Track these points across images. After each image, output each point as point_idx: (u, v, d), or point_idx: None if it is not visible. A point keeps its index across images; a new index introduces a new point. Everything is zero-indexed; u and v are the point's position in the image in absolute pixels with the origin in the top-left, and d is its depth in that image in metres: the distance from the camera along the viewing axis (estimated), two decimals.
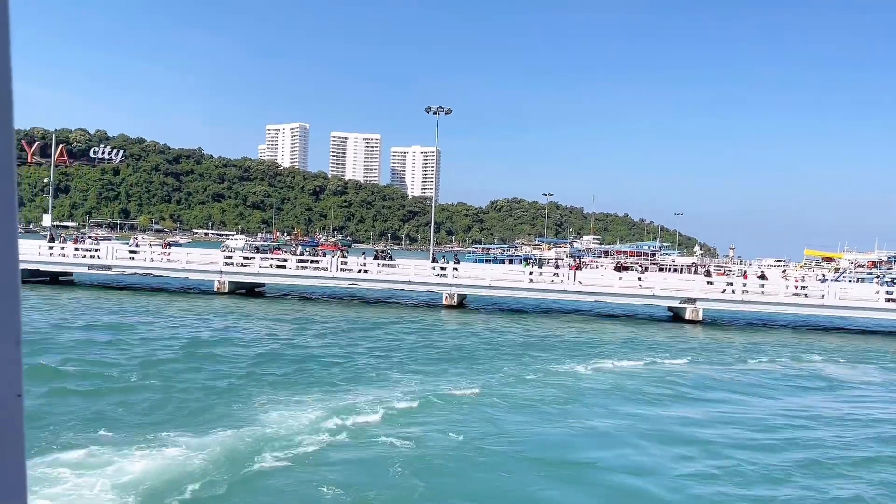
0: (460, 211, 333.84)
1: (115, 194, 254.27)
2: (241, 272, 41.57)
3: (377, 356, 23.62)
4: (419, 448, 13.39)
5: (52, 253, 43.29)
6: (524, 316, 39.22)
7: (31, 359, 19.65)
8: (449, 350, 25.83)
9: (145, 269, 42.09)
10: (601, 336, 32.22)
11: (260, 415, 15.13)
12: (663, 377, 22.22)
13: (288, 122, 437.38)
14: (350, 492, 10.91)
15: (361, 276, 40.86)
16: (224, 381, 18.50)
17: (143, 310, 33.03)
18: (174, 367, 20.16)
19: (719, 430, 15.95)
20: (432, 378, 20.15)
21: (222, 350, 23.25)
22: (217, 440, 13.07)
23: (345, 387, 18.37)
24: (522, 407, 17.30)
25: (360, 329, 30.30)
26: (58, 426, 13.62)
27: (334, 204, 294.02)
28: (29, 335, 24.08)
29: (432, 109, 51.52)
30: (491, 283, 40.22)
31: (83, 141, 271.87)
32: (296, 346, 25.07)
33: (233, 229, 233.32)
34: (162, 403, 15.94)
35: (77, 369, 19.04)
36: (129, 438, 12.99)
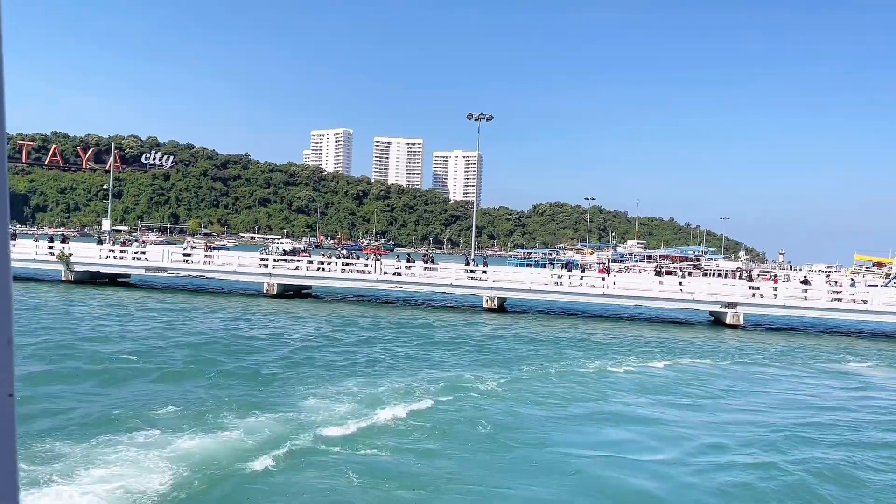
0: (502, 215, 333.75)
1: (165, 199, 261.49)
2: (288, 275, 43.08)
3: (414, 353, 24.71)
4: (444, 436, 14.34)
5: (110, 256, 45.56)
6: (562, 319, 39.79)
7: (98, 347, 21.25)
8: (483, 349, 26.73)
9: (198, 272, 43.93)
10: (636, 338, 32.69)
11: (301, 401, 16.44)
12: (686, 377, 22.83)
13: (332, 128, 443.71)
14: (377, 474, 11.87)
15: (404, 278, 41.97)
16: (271, 373, 19.89)
17: (196, 308, 34.70)
18: (225, 358, 21.67)
19: (725, 429, 16.44)
20: (465, 373, 21.15)
21: (270, 345, 24.69)
22: (264, 423, 14.28)
23: (381, 380, 19.50)
24: (544, 401, 18.19)
25: (401, 329, 31.40)
26: (123, 407, 15.03)
27: (377, 208, 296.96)
28: (97, 329, 25.77)
29: (473, 116, 52.41)
30: (530, 286, 40.90)
31: (135, 147, 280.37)
32: (338, 342, 26.33)
33: (278, 233, 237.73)
34: (214, 390, 17.33)
35: (140, 359, 20.65)
36: (184, 420, 14.27)
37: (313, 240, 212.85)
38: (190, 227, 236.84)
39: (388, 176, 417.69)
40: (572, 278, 42.19)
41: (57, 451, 11.91)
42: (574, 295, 41.06)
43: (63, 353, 21.06)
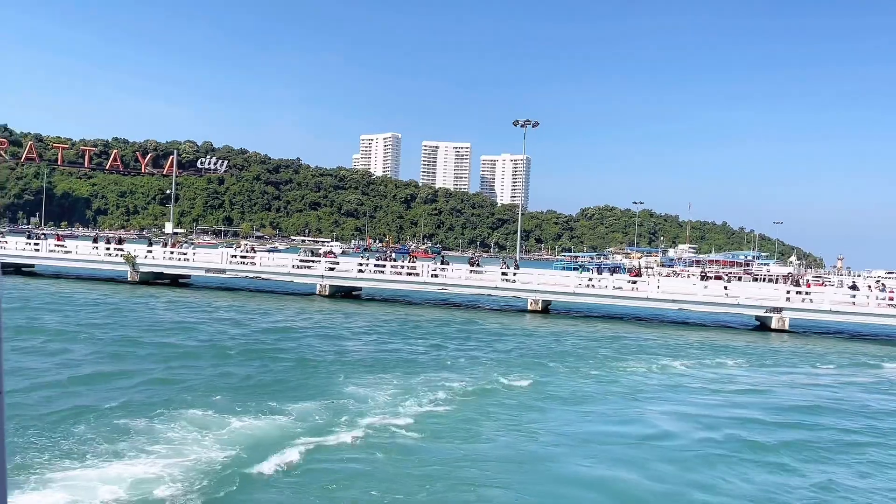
0: (550, 219, 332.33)
1: (219, 203, 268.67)
2: (340, 276, 44.79)
3: (455, 351, 25.97)
4: (472, 427, 15.48)
5: (171, 257, 48.07)
6: (604, 321, 40.47)
7: (170, 338, 23.15)
8: (523, 348, 27.80)
9: (255, 273, 46.03)
10: (675, 340, 33.28)
11: (344, 389, 18.08)
12: (713, 378, 23.53)
13: (381, 133, 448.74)
14: (410, 458, 13.08)
15: (450, 281, 43.22)
16: (320, 363, 21.79)
17: (254, 306, 36.62)
18: (280, 352, 23.56)
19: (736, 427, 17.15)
20: (501, 371, 22.29)
21: (320, 341, 26.42)
22: (311, 408, 15.89)
23: (421, 374, 20.92)
24: (573, 400, 19.17)
25: (444, 328, 32.72)
26: (186, 391, 16.86)
27: (424, 212, 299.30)
28: (163, 324, 27.78)
29: (519, 122, 53.39)
30: (574, 289, 41.66)
31: (191, 152, 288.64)
32: (383, 340, 27.90)
33: (328, 236, 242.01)
34: (269, 379, 19.14)
35: (203, 349, 22.74)
36: (239, 404, 15.87)
37: (362, 243, 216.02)
38: (243, 230, 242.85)
39: (435, 180, 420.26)
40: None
41: (129, 427, 13.61)
42: (618, 298, 41.67)
43: (131, 343, 23.16)
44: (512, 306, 44.41)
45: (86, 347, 22.50)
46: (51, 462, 11.48)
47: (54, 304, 33.76)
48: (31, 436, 12.69)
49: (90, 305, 34.30)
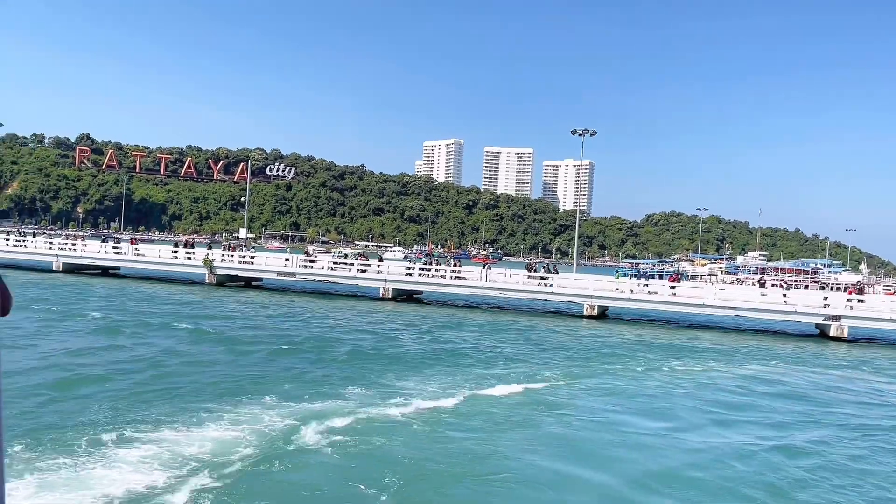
0: (614, 225, 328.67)
1: (287, 208, 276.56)
2: (402, 280, 46.71)
3: (507, 351, 27.41)
4: (514, 418, 16.86)
5: (244, 261, 51.05)
6: (660, 327, 41.09)
7: (242, 333, 25.42)
8: (572, 350, 28.99)
9: (323, 276, 48.46)
10: (728, 347, 33.82)
11: (395, 382, 19.97)
12: (749, 381, 24.39)
13: (443, 139, 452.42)
14: (451, 444, 14.59)
15: (508, 286, 44.59)
16: (376, 357, 24.08)
17: (321, 308, 38.84)
18: (342, 346, 25.83)
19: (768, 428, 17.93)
20: (544, 370, 23.70)
21: (379, 338, 28.49)
22: (364, 395, 17.75)
23: (471, 370, 22.77)
24: (608, 396, 20.39)
25: (499, 331, 34.20)
26: (261, 378, 19.10)
27: (486, 217, 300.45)
28: (241, 320, 30.19)
29: (578, 131, 54.33)
30: (630, 295, 42.42)
31: (260, 159, 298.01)
32: (437, 339, 29.70)
33: (391, 241, 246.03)
34: (338, 371, 21.17)
35: (275, 343, 25.01)
36: (303, 390, 17.95)
37: (424, 248, 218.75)
38: (309, 236, 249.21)
39: (497, 185, 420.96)
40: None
41: (209, 408, 15.86)
42: (674, 304, 42.20)
43: (212, 337, 25.51)
44: (568, 311, 45.40)
45: (166, 339, 25.22)
46: (161, 422, 13.95)
47: (144, 302, 37.03)
48: (152, 403, 15.13)
49: (174, 304, 37.59)
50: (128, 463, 11.92)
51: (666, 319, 44.77)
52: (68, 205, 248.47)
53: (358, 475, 12.15)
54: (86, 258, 54.46)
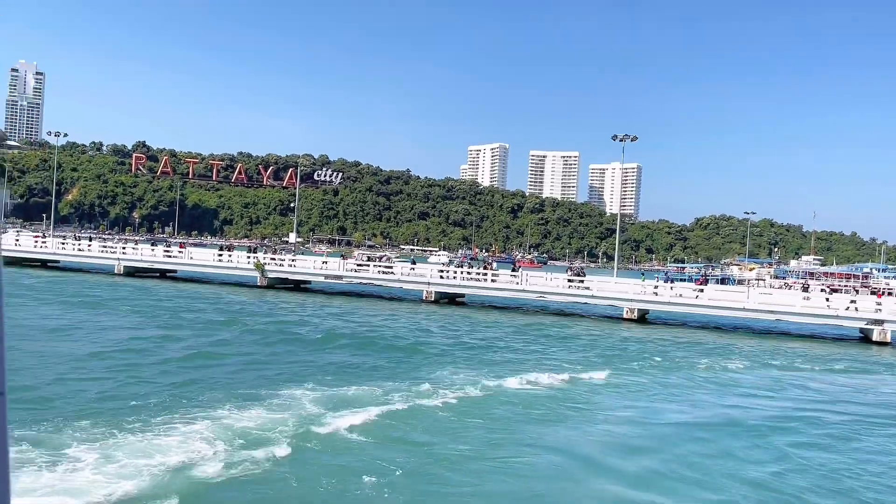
0: (662, 228, 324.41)
1: (334, 213, 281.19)
2: (445, 283, 48.01)
3: (545, 350, 28.44)
4: (547, 411, 17.91)
5: (293, 265, 53.11)
6: (697, 329, 41.45)
7: (296, 329, 27.07)
8: (609, 350, 29.87)
9: (368, 279, 50.12)
10: (764, 350, 34.26)
11: (429, 375, 21.60)
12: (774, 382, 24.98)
13: (488, 143, 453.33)
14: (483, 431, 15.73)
15: (548, 289, 45.46)
16: (413, 353, 25.81)
17: (368, 308, 40.42)
18: (386, 343, 27.71)
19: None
20: (586, 369, 24.82)
21: (419, 336, 30.07)
22: (399, 386, 19.28)
23: (497, 366, 24.19)
24: (631, 393, 21.40)
25: (537, 332, 35.29)
26: (307, 367, 21.06)
27: (531, 221, 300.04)
28: (288, 318, 31.94)
29: (619, 137, 54.80)
30: (670, 299, 42.87)
31: (308, 165, 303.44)
32: (475, 338, 30.94)
33: (436, 245, 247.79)
34: (373, 364, 23.07)
35: (321, 339, 26.62)
36: (344, 378, 19.71)
37: (469, 252, 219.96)
38: (356, 240, 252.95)
39: (542, 189, 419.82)
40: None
41: (258, 393, 17.75)
42: (714, 308, 42.50)
43: (262, 332, 27.24)
44: (608, 314, 46.03)
45: (223, 333, 27.43)
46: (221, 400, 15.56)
47: (200, 301, 39.49)
48: (211, 388, 16.97)
49: (228, 303, 40.05)
50: (192, 434, 13.93)
51: (706, 323, 45.02)
52: (125, 210, 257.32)
53: (382, 455, 13.51)
54: (145, 262, 57.24)
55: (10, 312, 31.44)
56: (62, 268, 61.27)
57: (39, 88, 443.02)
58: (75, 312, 32.49)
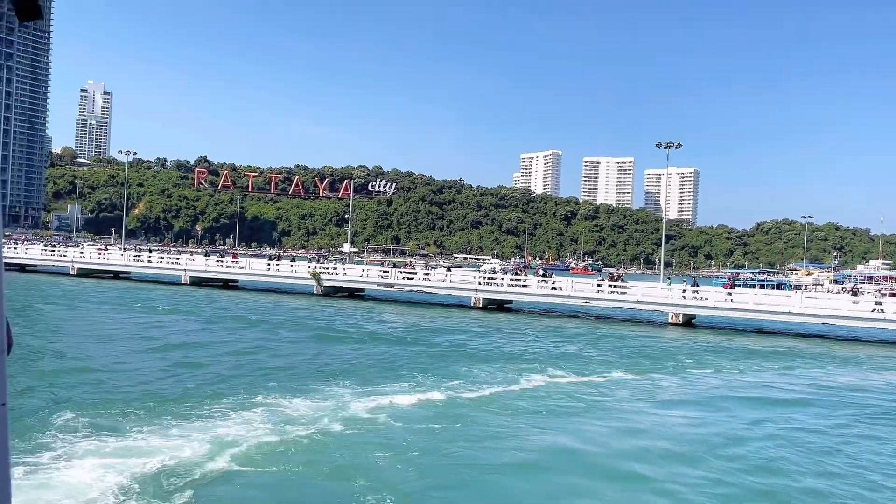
0: (720, 234, 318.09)
1: (388, 223, 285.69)
2: (492, 290, 49.55)
3: (584, 352, 29.72)
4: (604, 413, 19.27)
5: (346, 273, 55.58)
6: (740, 334, 41.85)
7: (350, 330, 29.09)
8: (646, 352, 30.93)
9: (418, 287, 52.06)
10: (799, 351, 34.69)
11: (475, 374, 23.32)
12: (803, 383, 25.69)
13: (541, 150, 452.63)
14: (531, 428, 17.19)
15: (593, 295, 46.47)
16: (464, 356, 27.02)
17: (417, 313, 42.32)
18: (431, 342, 29.63)
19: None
20: (602, 369, 26.05)
21: (468, 339, 31.96)
22: (439, 384, 20.96)
23: (545, 367, 25.69)
24: (658, 393, 22.60)
25: (579, 335, 36.53)
26: (355, 366, 22.52)
27: (585, 228, 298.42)
28: (340, 323, 34.06)
29: (662, 144, 55.39)
30: (714, 304, 43.39)
31: (363, 176, 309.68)
32: (516, 344, 32.33)
33: (489, 254, 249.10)
34: (416, 363, 24.62)
35: (371, 341, 28.73)
36: (385, 378, 21.35)
37: (521, 260, 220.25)
38: (409, 249, 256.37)
39: (597, 196, 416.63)
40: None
41: (304, 387, 19.69)
42: (760, 312, 42.84)
43: (317, 336, 29.57)
44: (653, 319, 46.72)
45: (281, 335, 30.02)
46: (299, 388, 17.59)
47: (261, 308, 42.65)
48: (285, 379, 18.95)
49: (287, 309, 43.28)
50: (245, 421, 16.00)
51: (753, 328, 45.26)
52: (188, 223, 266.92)
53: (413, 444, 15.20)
54: (210, 272, 60.52)
55: (96, 317, 34.69)
56: (133, 279, 65.18)
57: (107, 107, 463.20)
58: (149, 316, 36.67)
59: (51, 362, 22.48)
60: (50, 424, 14.60)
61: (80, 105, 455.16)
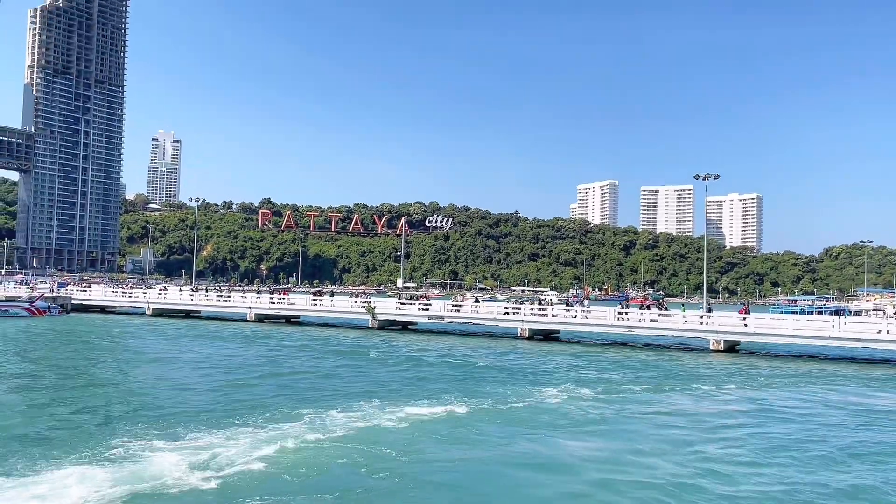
0: (787, 260, 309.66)
1: (445, 257, 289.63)
2: (538, 320, 51.45)
3: (622, 379, 31.47)
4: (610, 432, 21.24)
5: (399, 307, 58.41)
6: (781, 359, 42.56)
7: (399, 362, 31.83)
8: (674, 374, 32.50)
9: (467, 319, 54.44)
10: (832, 375, 35.53)
11: (500, 392, 25.20)
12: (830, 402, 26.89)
13: (597, 181, 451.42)
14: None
15: (635, 323, 47.91)
16: (508, 386, 28.85)
17: (464, 343, 44.64)
18: (468, 370, 31.77)
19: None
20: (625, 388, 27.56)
21: (514, 361, 33.76)
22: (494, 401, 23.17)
23: (584, 390, 27.53)
24: (689, 417, 23.93)
25: (621, 363, 38.09)
26: (383, 388, 25.23)
27: (645, 258, 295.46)
28: (388, 352, 36.83)
29: (700, 176, 56.57)
30: (755, 329, 44.29)
31: (420, 212, 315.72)
32: (555, 369, 34.09)
33: (546, 286, 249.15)
34: (453, 385, 26.81)
35: (412, 367, 31.19)
36: (422, 396, 23.71)
37: (580, 291, 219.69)
38: (467, 283, 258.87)
39: (656, 224, 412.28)
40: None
41: (352, 405, 22.13)
42: (800, 337, 43.50)
43: (370, 361, 32.34)
44: (693, 346, 47.74)
45: (334, 362, 33.00)
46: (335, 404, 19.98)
47: (320, 340, 46.84)
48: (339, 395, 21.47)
49: (343, 340, 47.20)
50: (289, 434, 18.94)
51: (794, 353, 45.83)
52: (253, 263, 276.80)
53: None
54: (273, 309, 64.40)
55: (174, 348, 38.63)
56: (203, 317, 69.70)
57: (176, 154, 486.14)
58: (219, 346, 42.31)
59: (138, 382, 27.71)
60: (141, 425, 18.87)
61: (151, 153, 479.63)
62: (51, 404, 22.78)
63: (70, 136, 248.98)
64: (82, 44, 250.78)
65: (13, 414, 20.97)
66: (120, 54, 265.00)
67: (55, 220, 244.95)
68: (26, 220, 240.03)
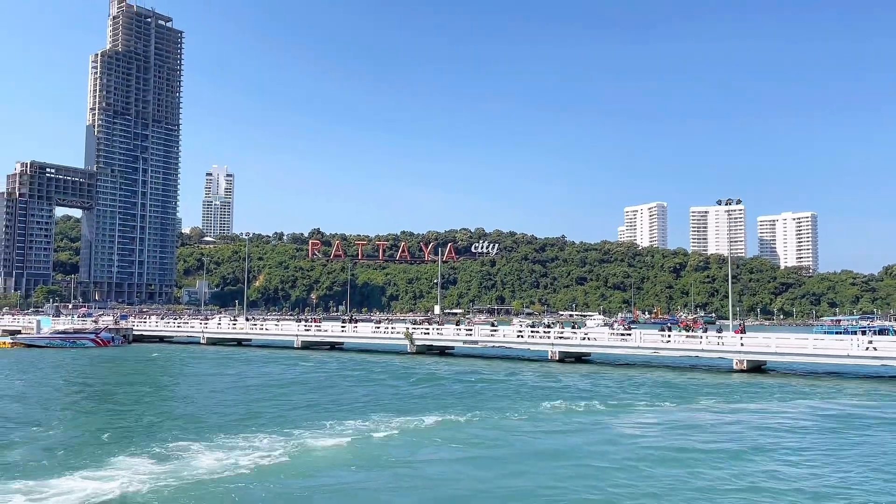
0: (845, 280, 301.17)
1: (492, 283, 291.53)
2: (568, 343, 53.48)
3: (640, 396, 33.44)
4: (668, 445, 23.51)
5: (438, 332, 61.13)
6: (800, 377, 43.67)
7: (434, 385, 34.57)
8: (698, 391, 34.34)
9: (501, 343, 56.80)
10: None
11: (535, 406, 27.29)
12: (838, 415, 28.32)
13: (645, 203, 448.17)
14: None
15: (663, 345, 49.55)
16: (535, 403, 31.40)
17: (497, 365, 47.09)
18: (497, 388, 34.24)
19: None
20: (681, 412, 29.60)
21: (541, 381, 36.01)
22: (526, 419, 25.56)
23: (607, 408, 29.77)
24: (690, 430, 25.85)
25: (644, 383, 39.96)
26: (417, 403, 27.45)
27: (696, 280, 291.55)
28: (425, 373, 39.61)
29: (723, 202, 57.96)
30: (776, 349, 45.50)
31: (465, 238, 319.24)
32: (584, 390, 36.20)
33: (594, 310, 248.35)
34: (484, 402, 29.23)
35: (447, 385, 33.56)
36: (462, 409, 26.16)
37: (629, 315, 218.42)
38: (514, 308, 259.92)
39: (707, 246, 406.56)
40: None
41: (385, 418, 24.75)
42: (823, 357, 44.52)
43: (407, 381, 35.11)
44: (718, 366, 49.00)
45: (378, 384, 36.34)
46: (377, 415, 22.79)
47: (361, 364, 50.94)
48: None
49: (385, 365, 50.80)
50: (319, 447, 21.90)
51: (824, 371, 46.78)
52: (304, 292, 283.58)
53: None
54: (318, 336, 68.04)
55: (230, 371, 42.31)
56: (254, 344, 73.76)
57: (230, 188, 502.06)
58: (262, 369, 47.52)
59: (188, 398, 31.41)
60: (198, 430, 22.19)
61: (205, 187, 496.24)
62: (123, 413, 28.81)
63: (129, 173, 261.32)
64: (140, 86, 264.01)
65: (95, 420, 27.05)
66: (175, 94, 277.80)
67: (116, 255, 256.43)
68: (89, 255, 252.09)
